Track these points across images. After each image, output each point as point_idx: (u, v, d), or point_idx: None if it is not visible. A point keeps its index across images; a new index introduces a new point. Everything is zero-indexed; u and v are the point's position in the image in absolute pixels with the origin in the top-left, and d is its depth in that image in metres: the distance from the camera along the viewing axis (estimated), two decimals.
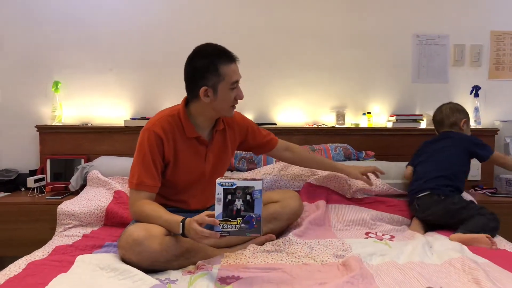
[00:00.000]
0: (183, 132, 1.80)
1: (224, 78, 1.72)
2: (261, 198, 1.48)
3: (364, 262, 1.61)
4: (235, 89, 1.77)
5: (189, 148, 1.82)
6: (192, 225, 1.50)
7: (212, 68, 1.71)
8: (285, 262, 1.66)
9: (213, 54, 1.73)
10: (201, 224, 1.50)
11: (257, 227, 1.48)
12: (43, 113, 2.95)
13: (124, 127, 2.85)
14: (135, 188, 1.72)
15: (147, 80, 3.01)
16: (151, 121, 1.80)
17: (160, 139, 1.74)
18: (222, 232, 1.48)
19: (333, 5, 3.05)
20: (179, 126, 1.79)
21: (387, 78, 3.10)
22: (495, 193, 2.72)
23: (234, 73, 1.75)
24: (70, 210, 2.14)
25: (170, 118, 1.79)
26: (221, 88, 1.73)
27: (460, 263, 1.56)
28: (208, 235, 1.48)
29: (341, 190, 2.43)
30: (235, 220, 1.47)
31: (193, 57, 1.76)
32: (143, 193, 1.72)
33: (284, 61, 3.05)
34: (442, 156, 2.28)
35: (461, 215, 2.07)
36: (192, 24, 2.99)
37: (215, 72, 1.71)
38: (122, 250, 1.59)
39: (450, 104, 2.47)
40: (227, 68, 1.72)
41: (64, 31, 2.95)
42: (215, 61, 1.71)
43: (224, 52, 1.75)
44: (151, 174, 1.74)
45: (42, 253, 1.71)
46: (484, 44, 3.09)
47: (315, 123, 3.07)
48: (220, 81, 1.72)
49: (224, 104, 1.77)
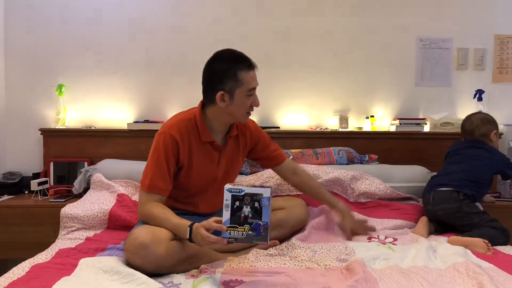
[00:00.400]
0: (198, 136, 1.80)
1: (242, 84, 1.73)
2: (269, 205, 1.46)
3: (367, 266, 1.60)
4: (251, 96, 1.77)
5: (203, 153, 1.83)
6: (199, 230, 1.50)
7: (231, 73, 1.71)
8: (288, 266, 1.65)
9: (232, 59, 1.74)
10: (208, 229, 1.49)
11: (264, 235, 1.46)
12: (47, 116, 2.96)
13: (128, 130, 2.86)
14: (147, 190, 1.72)
15: (151, 83, 3.02)
16: (167, 123, 1.80)
17: (176, 142, 1.75)
18: (229, 238, 1.47)
19: (337, 8, 3.05)
20: (195, 130, 1.80)
21: (391, 81, 3.09)
22: (498, 197, 2.70)
23: (252, 79, 1.76)
24: (73, 213, 2.14)
25: (187, 122, 1.79)
26: (238, 93, 1.73)
27: (464, 268, 1.55)
28: (215, 241, 1.47)
29: (345, 194, 2.43)
30: (242, 227, 1.46)
31: (212, 61, 1.77)
32: (154, 196, 1.72)
33: (287, 64, 3.06)
34: (474, 163, 2.26)
35: (471, 220, 2.07)
36: (196, 27, 3.00)
37: (233, 77, 1.71)
38: (127, 253, 1.58)
39: (480, 114, 2.44)
40: (246, 74, 1.73)
41: (68, 34, 2.96)
42: (234, 67, 1.72)
43: (244, 59, 1.76)
44: (164, 177, 1.74)
45: (46, 256, 1.71)
46: (487, 48, 3.09)
47: (318, 127, 3.07)
48: (238, 87, 1.72)
49: (240, 110, 1.77)
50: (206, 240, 1.48)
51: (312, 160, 2.66)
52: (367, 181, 2.46)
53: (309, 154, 2.70)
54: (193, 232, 1.54)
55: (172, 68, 2.97)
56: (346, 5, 3.05)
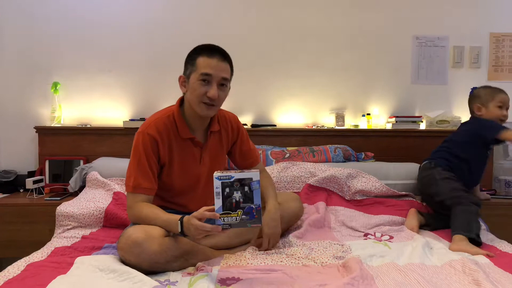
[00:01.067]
0: (178, 134, 1.79)
1: (196, 68, 1.70)
2: (259, 188, 1.48)
3: (364, 263, 1.61)
4: (206, 83, 1.70)
5: (184, 150, 1.81)
6: (191, 221, 1.49)
7: (191, 58, 1.73)
8: (285, 263, 1.65)
9: (199, 47, 1.74)
10: (200, 219, 1.49)
11: (257, 217, 1.48)
12: (42, 114, 2.95)
13: (124, 128, 2.85)
14: (132, 191, 1.71)
15: (147, 81, 3.01)
16: (145, 123, 1.79)
17: (155, 140, 1.74)
18: (224, 225, 1.47)
19: (333, 6, 3.05)
20: (174, 127, 1.79)
21: (387, 79, 3.10)
22: (494, 195, 2.72)
23: (208, 66, 1.69)
24: (69, 212, 2.13)
25: (165, 119, 1.78)
26: (192, 78, 1.72)
27: (460, 265, 1.56)
28: (210, 229, 1.46)
29: (341, 191, 2.43)
30: (235, 213, 1.47)
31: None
32: (140, 196, 1.71)
33: (284, 62, 3.06)
34: (453, 138, 2.34)
35: (439, 187, 2.15)
36: (193, 25, 2.99)
37: (192, 62, 1.72)
38: (121, 252, 1.58)
39: (474, 90, 2.43)
40: (203, 60, 1.70)
41: (63, 32, 2.95)
42: (196, 52, 1.73)
43: (208, 47, 1.74)
44: (147, 176, 1.73)
45: (41, 255, 1.70)
46: (483, 45, 3.10)
47: (315, 125, 3.07)
48: (193, 71, 1.71)
49: (193, 96, 1.72)
50: (199, 230, 1.47)
51: (309, 158, 2.66)
52: (363, 179, 2.47)
53: (305, 152, 2.70)
54: (185, 224, 1.53)
55: (168, 66, 2.96)
56: (342, 3, 3.05)
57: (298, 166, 2.53)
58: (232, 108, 2.03)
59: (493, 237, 2.02)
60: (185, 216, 1.55)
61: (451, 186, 2.14)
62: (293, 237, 1.89)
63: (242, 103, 3.01)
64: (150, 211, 1.67)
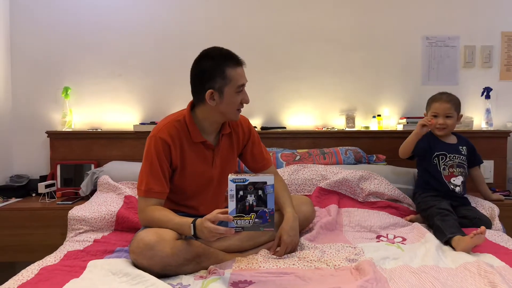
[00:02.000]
0: (190, 137, 1.79)
1: (230, 81, 1.71)
2: (273, 192, 1.48)
3: (377, 266, 1.59)
4: (241, 92, 1.76)
5: (196, 153, 1.82)
6: (205, 224, 1.50)
7: (219, 71, 1.70)
8: (297, 266, 1.64)
9: (220, 57, 1.72)
10: (213, 222, 1.49)
11: (270, 221, 1.48)
12: (53, 119, 2.97)
13: (134, 132, 2.86)
14: (144, 195, 1.72)
15: (157, 85, 3.02)
16: (157, 127, 1.79)
17: (167, 145, 1.74)
18: (236, 228, 1.47)
19: (342, 7, 3.04)
20: (185, 131, 1.79)
21: (397, 80, 3.08)
22: (508, 196, 2.68)
23: (240, 76, 1.74)
24: (80, 216, 2.14)
25: (176, 123, 1.78)
26: (227, 91, 1.72)
27: (475, 267, 1.53)
28: (224, 232, 1.47)
29: (353, 194, 2.42)
30: (249, 216, 1.47)
31: (199, 60, 1.76)
32: (152, 200, 1.72)
33: (293, 64, 3.05)
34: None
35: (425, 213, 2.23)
36: (202, 28, 3.00)
37: (222, 75, 1.70)
38: (133, 255, 1.58)
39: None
40: (234, 71, 1.71)
41: (74, 37, 2.97)
42: (222, 64, 1.70)
43: (231, 56, 1.74)
44: (159, 180, 1.73)
45: (54, 259, 1.71)
46: (494, 45, 3.06)
47: (325, 126, 3.06)
48: (227, 84, 1.71)
49: (230, 107, 1.76)
50: (213, 233, 1.48)
51: (320, 160, 2.65)
52: (375, 181, 2.45)
53: (316, 154, 2.68)
54: (198, 227, 1.54)
55: (177, 69, 2.96)
56: (351, 4, 3.04)
57: (309, 169, 2.52)
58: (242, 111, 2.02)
59: (508, 238, 1.99)
60: (197, 219, 1.55)
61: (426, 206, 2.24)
62: (305, 240, 1.88)
63: (251, 105, 2.91)
64: (162, 214, 1.67)
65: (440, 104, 2.36)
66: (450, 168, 2.33)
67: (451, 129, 2.39)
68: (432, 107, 2.39)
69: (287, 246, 1.78)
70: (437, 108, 2.36)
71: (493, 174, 2.89)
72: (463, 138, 2.47)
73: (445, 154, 2.34)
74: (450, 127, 2.36)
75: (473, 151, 2.45)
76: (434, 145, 2.37)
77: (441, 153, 2.35)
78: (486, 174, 2.85)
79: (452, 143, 2.40)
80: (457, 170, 2.33)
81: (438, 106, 2.36)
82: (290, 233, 1.79)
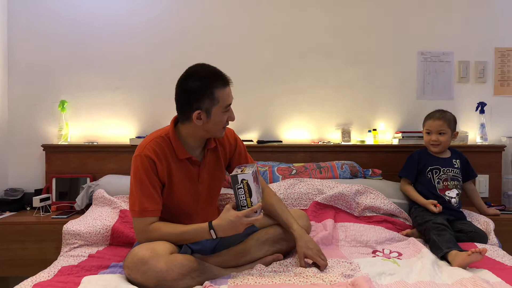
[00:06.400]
0: (175, 154, 1.77)
1: (218, 101, 1.70)
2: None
3: (373, 282, 1.58)
4: (228, 111, 1.75)
5: (182, 169, 1.80)
6: (242, 220, 1.61)
7: (208, 92, 1.68)
8: (293, 282, 1.63)
9: (207, 77, 1.69)
10: (247, 216, 1.62)
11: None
12: (49, 132, 2.97)
13: (130, 145, 2.85)
14: (139, 216, 1.69)
15: (153, 98, 3.02)
16: (141, 145, 1.77)
17: (153, 161, 1.72)
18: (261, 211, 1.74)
19: (338, 22, 3.07)
20: (170, 147, 1.77)
21: (392, 95, 3.10)
22: (503, 210, 2.68)
23: (228, 96, 1.73)
24: (75, 230, 2.12)
25: (160, 140, 1.77)
26: (215, 111, 1.71)
27: (472, 283, 1.53)
28: (259, 218, 1.66)
29: (349, 208, 2.42)
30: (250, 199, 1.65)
31: (186, 79, 1.73)
32: (148, 219, 1.70)
33: (289, 78, 3.07)
34: None
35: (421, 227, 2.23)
36: (199, 42, 3.02)
37: (210, 96, 1.68)
38: (127, 270, 1.57)
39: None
40: (222, 92, 1.70)
41: (71, 50, 2.98)
42: (210, 85, 1.68)
43: (219, 76, 1.72)
44: (152, 198, 1.71)
45: (48, 274, 1.69)
46: (488, 60, 3.10)
47: (321, 140, 3.07)
48: (215, 105, 1.70)
49: (217, 126, 1.76)
50: (250, 223, 1.64)
51: (316, 174, 2.65)
52: (371, 195, 2.45)
53: (312, 168, 2.69)
54: (231, 224, 1.62)
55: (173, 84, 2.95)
56: (347, 21, 3.07)
57: (305, 183, 2.52)
58: (238, 125, 2.03)
59: (504, 253, 1.99)
60: (212, 222, 1.65)
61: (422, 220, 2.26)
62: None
63: (247, 119, 3.01)
64: (172, 228, 1.69)
65: (433, 121, 2.46)
66: (444, 182, 2.37)
67: (445, 146, 2.44)
68: (426, 124, 2.51)
69: (319, 256, 1.77)
70: (430, 125, 2.47)
71: (488, 188, 2.90)
72: (456, 152, 2.52)
73: (438, 168, 2.40)
74: (444, 143, 2.42)
75: (466, 164, 2.49)
76: (427, 160, 2.45)
77: (434, 167, 2.41)
78: (481, 188, 2.86)
79: (445, 157, 2.45)
80: (451, 183, 2.37)
81: (431, 123, 2.47)
82: (310, 245, 1.80)
